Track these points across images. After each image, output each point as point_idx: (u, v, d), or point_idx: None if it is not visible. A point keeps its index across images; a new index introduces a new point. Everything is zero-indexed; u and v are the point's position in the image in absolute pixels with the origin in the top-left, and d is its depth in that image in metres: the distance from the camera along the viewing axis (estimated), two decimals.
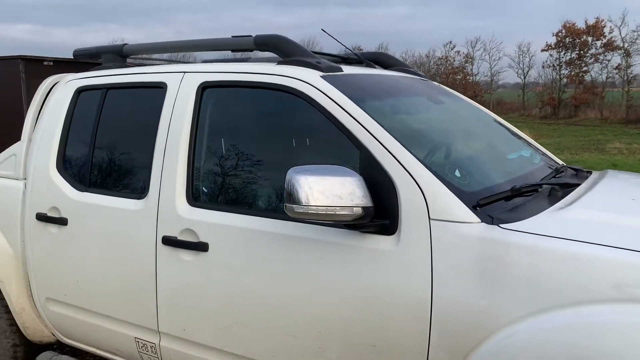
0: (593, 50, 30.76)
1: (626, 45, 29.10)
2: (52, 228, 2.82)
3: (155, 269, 2.44)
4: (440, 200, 1.81)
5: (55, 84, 3.12)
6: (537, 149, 2.94)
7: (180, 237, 2.36)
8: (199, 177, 2.41)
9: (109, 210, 2.61)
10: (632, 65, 28.95)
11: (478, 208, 1.82)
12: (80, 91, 2.92)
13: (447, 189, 1.82)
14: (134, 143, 2.69)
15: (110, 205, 2.61)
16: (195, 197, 2.39)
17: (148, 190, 2.50)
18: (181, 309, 2.38)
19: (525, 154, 2.73)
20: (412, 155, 1.90)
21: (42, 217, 2.85)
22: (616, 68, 29.78)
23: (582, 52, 30.98)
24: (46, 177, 2.86)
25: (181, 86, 2.51)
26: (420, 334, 1.79)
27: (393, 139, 1.94)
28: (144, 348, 2.59)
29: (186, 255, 2.34)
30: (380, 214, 1.88)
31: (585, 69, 31.11)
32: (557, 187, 2.12)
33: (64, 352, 3.38)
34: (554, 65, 32.40)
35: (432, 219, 1.80)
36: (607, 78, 30.69)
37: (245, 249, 2.18)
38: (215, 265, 2.25)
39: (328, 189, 1.77)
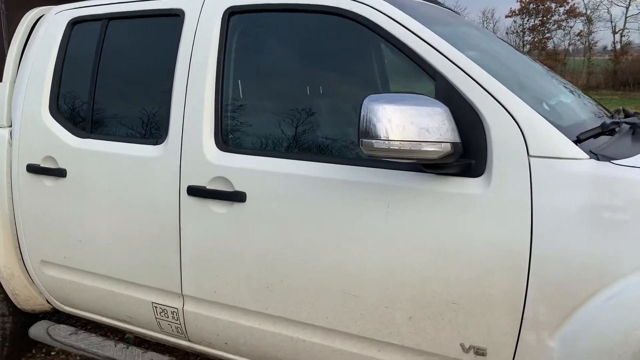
0: (556, 17, 31.01)
1: (588, 12, 29.44)
2: (47, 181, 2.45)
3: (178, 224, 2.13)
4: (541, 134, 1.56)
5: (41, 16, 2.70)
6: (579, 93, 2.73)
7: (210, 187, 2.04)
8: (230, 118, 2.09)
9: (119, 158, 2.26)
10: (593, 32, 29.36)
11: (578, 144, 1.59)
12: (74, 23, 2.52)
13: (547, 121, 1.58)
14: (145, 81, 2.33)
15: (120, 153, 2.27)
16: (225, 141, 2.07)
17: (167, 135, 2.16)
18: (211, 269, 2.09)
19: (565, 100, 2.52)
20: (501, 84, 1.64)
21: (34, 169, 2.48)
22: (578, 34, 30.16)
23: (545, 18, 31.19)
24: (38, 123, 2.48)
25: (202, 13, 2.16)
26: (515, 288, 1.57)
27: (476, 65, 1.67)
28: (163, 314, 2.29)
29: (218, 207, 2.04)
30: (463, 153, 1.62)
31: (548, 35, 31.39)
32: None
33: (62, 321, 3.05)
34: (517, 32, 32.56)
35: (531, 156, 1.56)
36: (569, 45, 31.09)
37: (292, 199, 1.89)
38: (255, 217, 1.96)
39: (413, 121, 1.49)
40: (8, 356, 2.93)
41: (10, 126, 2.61)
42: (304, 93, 2.01)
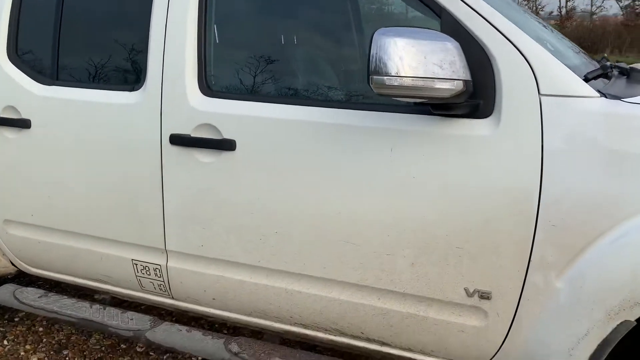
0: None
1: None
2: (8, 133, 2.26)
3: (160, 176, 2.00)
4: (552, 72, 1.52)
5: None
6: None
7: (194, 135, 1.92)
8: (214, 61, 1.95)
9: (90, 106, 2.09)
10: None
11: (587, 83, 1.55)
12: None
13: (557, 59, 1.53)
14: (118, 21, 2.15)
15: (92, 100, 2.10)
16: (210, 86, 1.94)
17: (144, 80, 2.01)
18: (198, 221, 1.98)
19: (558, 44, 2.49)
20: (508, 20, 1.57)
21: None
22: None
23: None
24: None
25: None
26: (523, 231, 1.54)
27: (484, 1, 1.60)
28: (144, 271, 2.18)
29: (204, 156, 1.92)
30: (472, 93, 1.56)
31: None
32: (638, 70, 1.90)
33: (28, 284, 2.88)
34: None
35: (542, 95, 1.51)
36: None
37: (286, 146, 1.79)
38: (246, 166, 1.86)
39: (426, 57, 1.42)
40: None
41: None
42: (296, 33, 1.89)
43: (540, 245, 1.54)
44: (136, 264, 2.18)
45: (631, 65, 2.01)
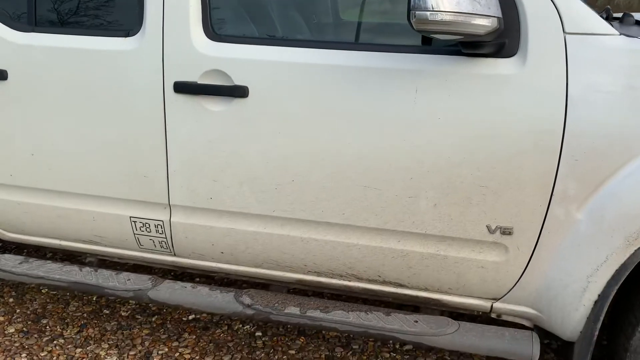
0: None
1: None
2: None
3: (163, 127, 1.91)
4: (575, 10, 1.56)
5: None
6: None
7: (202, 82, 1.83)
8: (221, 1, 1.85)
9: (79, 54, 1.94)
10: None
11: None
12: None
13: None
14: None
15: (79, 48, 1.94)
16: (217, 29, 1.85)
17: (142, 24, 1.89)
18: (207, 173, 1.91)
19: None
20: None
21: None
22: None
23: None
24: None
25: None
26: (547, 166, 1.61)
27: None
28: (144, 229, 2.09)
29: (213, 104, 1.84)
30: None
31: None
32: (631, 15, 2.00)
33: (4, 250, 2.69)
34: None
35: (567, 33, 1.56)
36: None
37: (303, 90, 1.75)
38: (261, 113, 1.80)
39: None
40: None
41: None
42: None
43: (563, 179, 1.61)
44: (135, 222, 2.08)
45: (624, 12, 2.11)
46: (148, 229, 2.08)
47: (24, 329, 2.59)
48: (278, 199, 1.88)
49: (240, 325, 2.61)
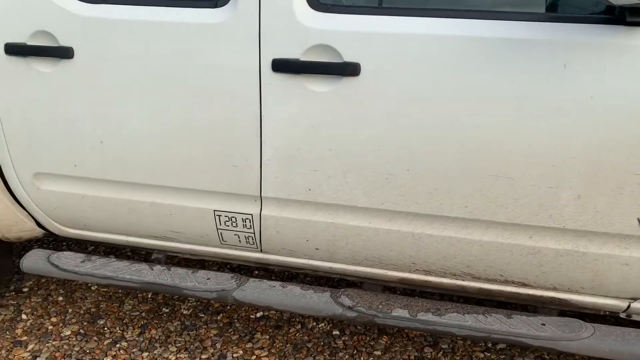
0: None
1: None
2: (41, 65, 1.83)
3: (258, 110, 1.69)
4: None
5: None
6: None
7: (305, 59, 1.61)
8: None
9: (158, 28, 1.71)
10: None
11: None
12: None
13: None
14: None
15: (158, 21, 1.71)
16: None
17: None
18: (306, 162, 1.70)
19: None
20: None
21: (17, 50, 1.83)
22: None
23: None
24: None
25: None
26: None
27: None
28: (229, 223, 1.88)
29: (318, 85, 1.62)
30: None
31: None
32: None
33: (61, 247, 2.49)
34: None
35: None
36: None
37: (426, 67, 1.54)
38: (373, 93, 1.59)
39: None
40: None
41: None
42: None
43: None
44: (219, 216, 1.88)
45: None
46: (234, 224, 1.88)
47: (81, 330, 2.39)
48: (389, 190, 1.67)
49: (315, 324, 2.43)
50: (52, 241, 3.00)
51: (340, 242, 1.80)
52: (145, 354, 2.25)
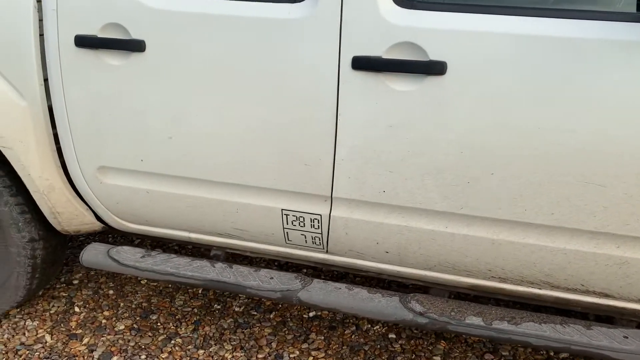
0: None
1: None
2: (111, 58, 1.80)
3: (335, 108, 1.64)
4: None
5: None
6: None
7: (388, 56, 1.56)
8: None
9: (232, 23, 1.67)
10: None
11: None
12: None
13: None
14: None
15: (233, 15, 1.67)
16: None
17: None
18: (383, 163, 1.65)
19: None
20: None
21: (88, 42, 1.80)
22: None
23: None
24: None
25: None
26: None
27: None
28: (296, 223, 1.84)
29: (400, 83, 1.57)
30: None
31: None
32: None
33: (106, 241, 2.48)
34: None
35: None
36: None
37: (516, 67, 1.47)
38: (458, 93, 1.53)
39: None
40: (37, 289, 2.35)
41: None
42: None
43: None
44: (286, 215, 1.84)
45: None
46: (301, 224, 1.84)
47: (135, 325, 2.39)
48: (469, 194, 1.62)
49: (369, 326, 2.39)
50: (97, 234, 3.00)
51: (412, 246, 1.75)
52: (201, 352, 2.23)
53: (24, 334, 2.32)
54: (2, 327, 2.35)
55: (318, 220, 1.81)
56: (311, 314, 2.47)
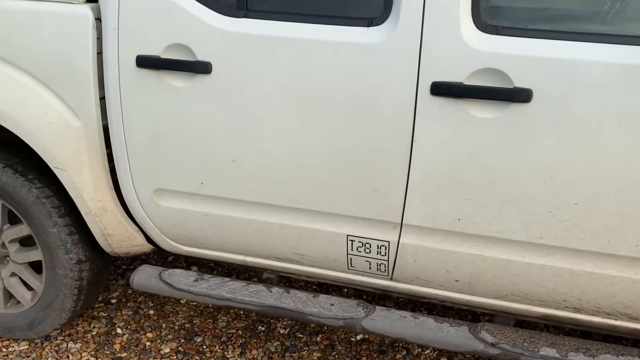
0: None
1: None
2: (174, 79, 1.76)
3: (410, 133, 1.60)
4: None
5: None
6: None
7: (469, 83, 1.52)
8: None
9: (303, 46, 1.63)
10: None
11: None
12: None
13: None
14: None
15: (304, 38, 1.63)
16: (489, 18, 1.53)
17: (390, 10, 1.57)
18: (459, 190, 1.61)
19: None
20: None
21: (150, 63, 1.76)
22: None
23: None
24: None
25: None
26: None
27: None
28: (362, 249, 1.80)
29: (482, 110, 1.53)
30: None
31: None
32: None
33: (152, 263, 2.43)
34: None
35: None
36: None
37: (604, 98, 1.44)
38: (546, 121, 1.49)
39: None
40: (80, 310, 2.29)
41: (92, 1, 1.82)
42: None
43: None
44: (352, 241, 1.79)
45: None
46: (367, 250, 1.79)
47: (180, 348, 2.33)
48: (550, 224, 1.58)
49: (420, 350, 2.34)
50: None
51: (485, 275, 1.71)
52: None
53: (68, 357, 2.26)
54: (45, 349, 2.29)
55: (385, 247, 1.77)
56: (359, 337, 2.42)
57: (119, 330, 2.43)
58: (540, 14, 1.52)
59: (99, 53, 1.85)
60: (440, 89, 1.54)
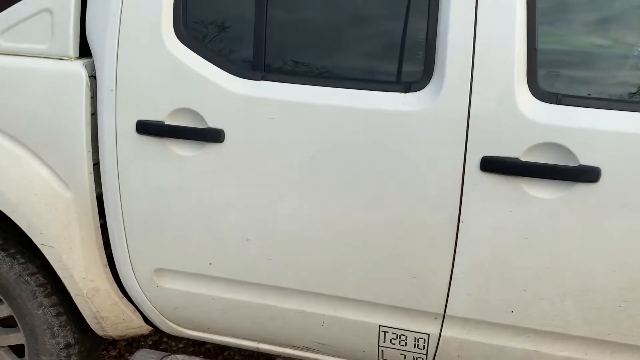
0: None
1: None
2: (181, 148, 1.54)
3: (457, 214, 1.39)
4: None
5: None
6: None
7: (527, 159, 1.32)
8: (558, 43, 1.35)
9: (331, 113, 1.42)
10: None
11: None
12: None
13: None
14: None
15: (329, 104, 1.42)
16: (546, 87, 1.33)
17: (432, 74, 1.37)
18: (513, 279, 1.40)
19: None
20: None
21: (153, 129, 1.54)
22: None
23: None
24: (156, 51, 1.51)
25: None
26: None
27: None
28: (396, 341, 1.56)
29: (541, 190, 1.33)
30: None
31: None
32: None
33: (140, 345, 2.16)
34: None
35: None
36: None
37: None
38: (615, 203, 1.29)
39: None
40: None
41: (85, 57, 1.61)
42: None
43: None
44: (385, 332, 1.56)
45: None
46: (402, 342, 1.56)
47: None
48: (620, 320, 1.36)
49: None
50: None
51: None
52: None
53: None
54: None
55: (424, 340, 1.54)
56: None
57: None
58: (606, 81, 1.33)
59: (93, 114, 1.63)
60: (493, 165, 1.33)
